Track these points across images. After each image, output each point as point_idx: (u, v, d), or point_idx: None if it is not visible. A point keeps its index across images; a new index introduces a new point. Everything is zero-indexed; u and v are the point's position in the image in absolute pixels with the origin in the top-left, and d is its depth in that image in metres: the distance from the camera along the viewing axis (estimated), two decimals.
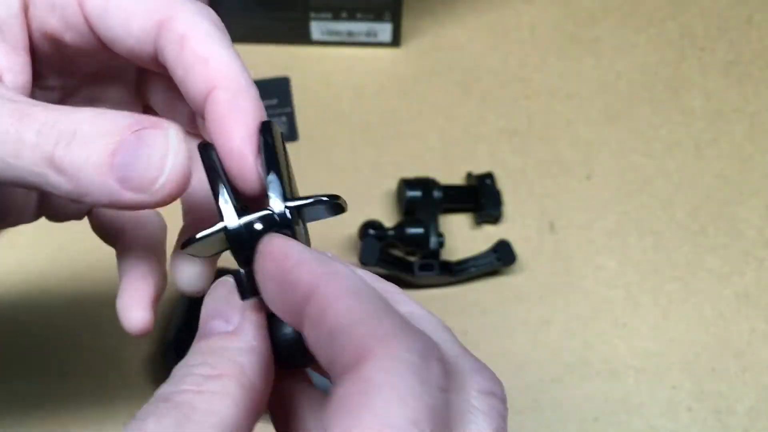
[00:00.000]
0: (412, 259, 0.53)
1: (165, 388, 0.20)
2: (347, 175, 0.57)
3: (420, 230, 0.52)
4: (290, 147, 0.58)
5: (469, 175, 0.56)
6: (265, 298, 0.21)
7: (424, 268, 0.51)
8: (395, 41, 0.63)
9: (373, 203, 0.56)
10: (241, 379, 0.20)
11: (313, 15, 0.60)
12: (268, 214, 0.23)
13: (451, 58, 0.63)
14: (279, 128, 0.25)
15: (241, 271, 0.23)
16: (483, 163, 0.58)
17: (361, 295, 0.19)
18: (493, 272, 0.53)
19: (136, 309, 0.27)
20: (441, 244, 0.52)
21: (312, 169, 0.57)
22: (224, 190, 0.23)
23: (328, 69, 0.62)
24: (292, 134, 0.59)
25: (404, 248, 0.54)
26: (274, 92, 0.60)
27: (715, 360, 0.51)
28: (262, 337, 0.22)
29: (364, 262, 0.49)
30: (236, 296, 0.23)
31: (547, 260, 0.54)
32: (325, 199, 0.24)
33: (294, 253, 0.21)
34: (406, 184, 0.54)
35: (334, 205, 0.25)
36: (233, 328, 0.22)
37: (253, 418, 0.21)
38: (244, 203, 0.24)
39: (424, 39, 0.64)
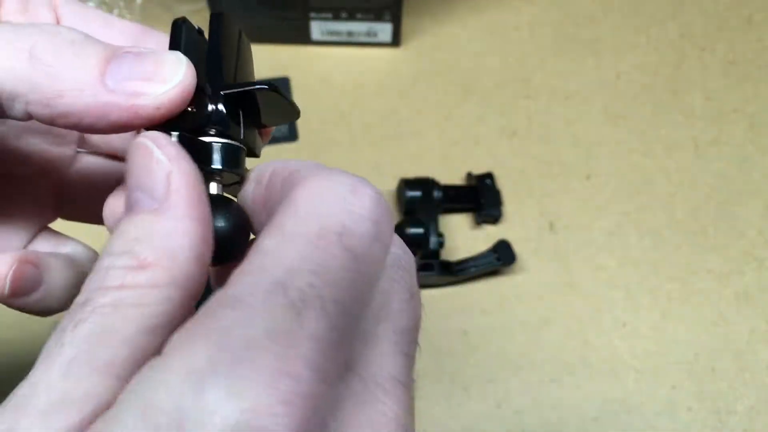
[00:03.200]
0: None
1: (86, 286, 0.17)
2: None
3: (420, 230, 0.52)
4: (290, 147, 0.58)
5: (469, 175, 0.56)
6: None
7: (424, 268, 0.51)
8: (395, 41, 0.63)
9: None
10: (172, 270, 0.17)
11: (313, 15, 0.60)
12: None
13: (451, 58, 0.63)
14: (229, 23, 0.23)
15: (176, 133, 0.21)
16: (483, 163, 0.58)
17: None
18: (493, 272, 0.53)
19: None
20: (441, 244, 0.52)
21: None
22: None
23: (328, 69, 0.62)
24: (292, 134, 0.59)
25: None
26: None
27: (715, 360, 0.51)
28: (196, 215, 0.18)
29: None
30: (158, 164, 0.18)
31: (547, 260, 0.54)
32: (258, 87, 0.22)
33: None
34: (406, 184, 0.54)
35: (272, 96, 0.22)
36: (158, 206, 0.18)
37: (187, 310, 0.18)
38: None
39: (424, 39, 0.64)
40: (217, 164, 0.22)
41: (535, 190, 0.57)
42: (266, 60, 0.61)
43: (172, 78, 0.20)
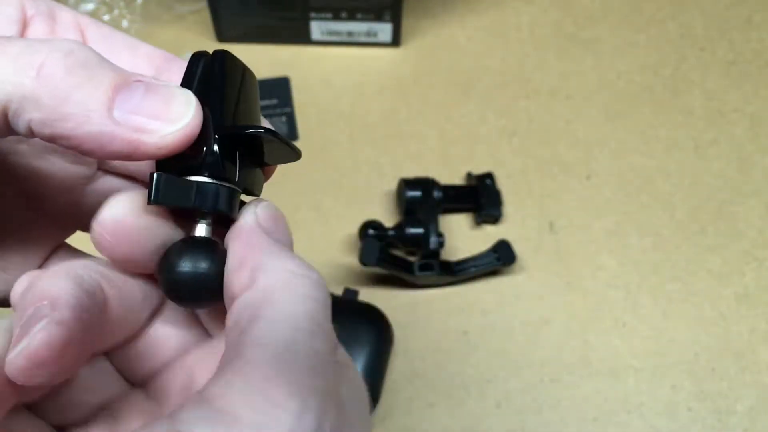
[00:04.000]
0: (412, 259, 0.53)
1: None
2: (347, 175, 0.57)
3: (420, 230, 0.52)
4: None
5: (469, 175, 0.56)
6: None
7: (424, 268, 0.51)
8: (395, 41, 0.63)
9: (373, 203, 0.56)
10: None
11: (313, 15, 0.60)
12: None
13: (451, 58, 0.63)
14: (231, 60, 0.23)
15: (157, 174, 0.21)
16: (483, 163, 0.58)
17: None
18: (493, 272, 0.53)
19: None
20: (441, 244, 0.52)
21: (312, 169, 0.57)
22: None
23: (328, 69, 0.62)
24: (292, 134, 0.59)
25: (404, 248, 0.54)
26: (274, 92, 0.60)
27: (715, 360, 0.51)
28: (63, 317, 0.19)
29: (364, 262, 0.49)
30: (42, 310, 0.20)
31: (547, 260, 0.54)
32: (253, 132, 0.21)
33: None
34: (406, 184, 0.54)
35: (269, 139, 0.22)
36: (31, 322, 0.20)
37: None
38: None
39: (424, 39, 0.64)
40: (204, 207, 0.21)
41: (535, 190, 0.57)
42: (266, 60, 0.61)
43: (179, 120, 0.20)
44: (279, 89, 0.60)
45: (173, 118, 0.20)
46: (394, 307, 0.52)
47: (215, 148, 0.21)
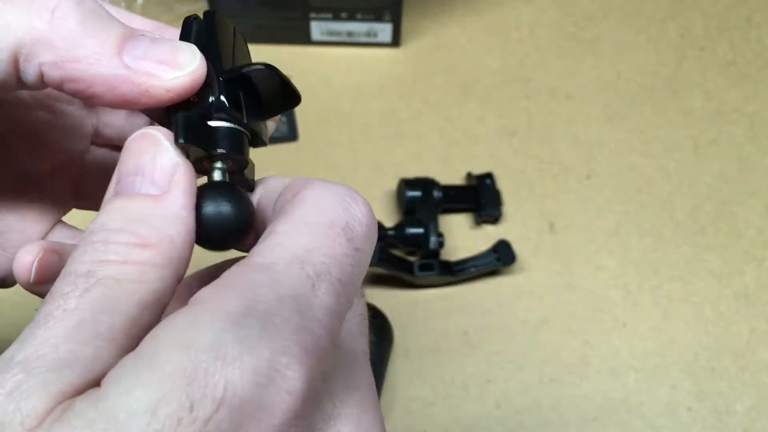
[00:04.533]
0: (412, 259, 0.53)
1: (83, 257, 0.19)
2: (347, 175, 0.57)
3: (420, 230, 0.52)
4: (290, 147, 0.58)
5: (469, 175, 0.56)
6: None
7: (424, 268, 0.51)
8: (395, 41, 0.63)
9: (373, 203, 0.56)
10: (171, 252, 0.19)
11: (313, 15, 0.60)
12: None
13: (451, 58, 0.63)
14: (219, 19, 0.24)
15: (182, 114, 0.21)
16: (483, 163, 0.58)
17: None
18: (493, 272, 0.53)
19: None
20: (441, 244, 0.52)
21: (312, 169, 0.57)
22: None
23: (328, 69, 0.62)
24: (292, 134, 0.59)
25: (404, 248, 0.54)
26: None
27: (715, 360, 0.51)
28: (191, 207, 0.20)
29: None
30: (165, 155, 0.20)
31: (547, 260, 0.54)
32: (255, 67, 0.22)
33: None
34: (406, 184, 0.54)
35: (270, 76, 0.22)
36: (160, 193, 0.20)
37: (173, 292, 0.20)
38: None
39: (424, 39, 0.64)
40: (221, 149, 0.22)
41: (535, 190, 0.57)
42: (266, 60, 0.61)
43: (186, 66, 0.21)
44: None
45: (180, 64, 0.21)
46: (394, 307, 0.52)
47: (221, 93, 0.22)
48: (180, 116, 0.21)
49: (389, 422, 0.49)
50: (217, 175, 0.22)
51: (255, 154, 0.24)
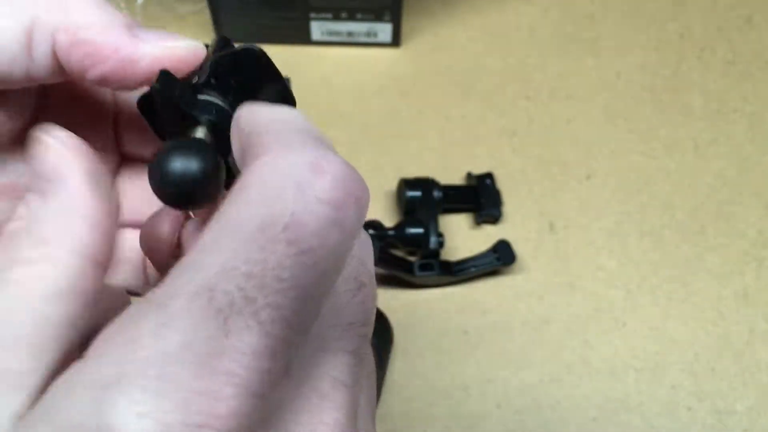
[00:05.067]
0: (412, 259, 0.53)
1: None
2: None
3: (420, 230, 0.52)
4: None
5: (469, 175, 0.56)
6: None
7: (424, 268, 0.51)
8: (395, 41, 0.63)
9: (373, 203, 0.56)
10: (70, 243, 0.18)
11: (313, 15, 0.60)
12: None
13: (451, 58, 0.63)
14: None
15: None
16: (483, 163, 0.58)
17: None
18: (493, 272, 0.53)
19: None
20: (441, 244, 0.52)
21: None
22: None
23: (328, 69, 0.62)
24: None
25: (404, 248, 0.54)
26: None
27: (715, 360, 0.51)
28: (83, 190, 0.18)
29: None
30: (53, 149, 0.19)
31: (547, 260, 0.54)
32: (242, 48, 0.23)
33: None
34: (406, 184, 0.54)
35: (257, 58, 0.23)
36: (51, 187, 0.19)
37: (98, 272, 0.18)
38: None
39: (424, 39, 0.64)
40: (205, 115, 0.22)
41: (535, 190, 0.57)
42: None
43: (184, 39, 0.22)
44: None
45: (179, 38, 0.22)
46: (394, 307, 0.52)
47: (210, 74, 0.23)
48: (162, 72, 0.22)
49: (389, 422, 0.49)
50: (198, 133, 0.22)
51: None
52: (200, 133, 0.22)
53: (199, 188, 0.20)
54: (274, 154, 0.16)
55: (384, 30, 0.62)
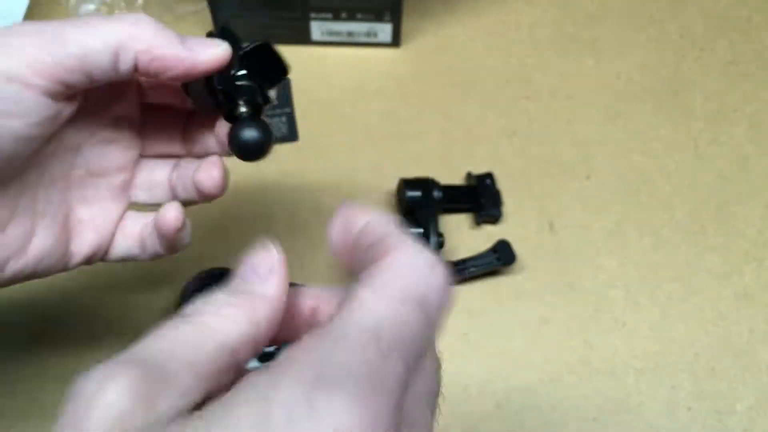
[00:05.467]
0: None
1: (188, 309, 0.24)
2: (347, 175, 0.57)
3: (420, 230, 0.52)
4: (290, 147, 0.58)
5: (469, 175, 0.56)
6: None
7: None
8: (395, 41, 0.63)
9: (373, 203, 0.56)
10: (250, 315, 0.24)
11: (313, 15, 0.60)
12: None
13: (451, 58, 0.63)
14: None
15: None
16: (483, 163, 0.58)
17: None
18: (493, 272, 0.53)
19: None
20: (441, 244, 0.52)
21: (312, 169, 0.57)
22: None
23: (328, 69, 0.62)
24: (292, 134, 0.59)
25: None
26: (274, 92, 0.60)
27: (715, 360, 0.51)
28: (278, 290, 0.25)
29: None
30: (269, 257, 0.26)
31: (547, 260, 0.54)
32: (259, 43, 0.36)
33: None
34: (406, 184, 0.54)
35: (269, 50, 0.36)
36: (258, 278, 0.25)
37: (251, 348, 0.24)
38: None
39: (424, 39, 0.64)
40: (246, 95, 0.35)
41: (535, 190, 0.57)
42: None
43: (219, 45, 0.34)
44: (279, 89, 0.60)
45: (216, 44, 0.34)
46: None
47: (241, 65, 0.35)
48: (218, 77, 0.35)
49: None
50: (244, 113, 0.35)
51: None
52: (243, 107, 0.35)
53: (264, 149, 0.35)
54: (404, 252, 0.23)
55: (384, 30, 0.62)
